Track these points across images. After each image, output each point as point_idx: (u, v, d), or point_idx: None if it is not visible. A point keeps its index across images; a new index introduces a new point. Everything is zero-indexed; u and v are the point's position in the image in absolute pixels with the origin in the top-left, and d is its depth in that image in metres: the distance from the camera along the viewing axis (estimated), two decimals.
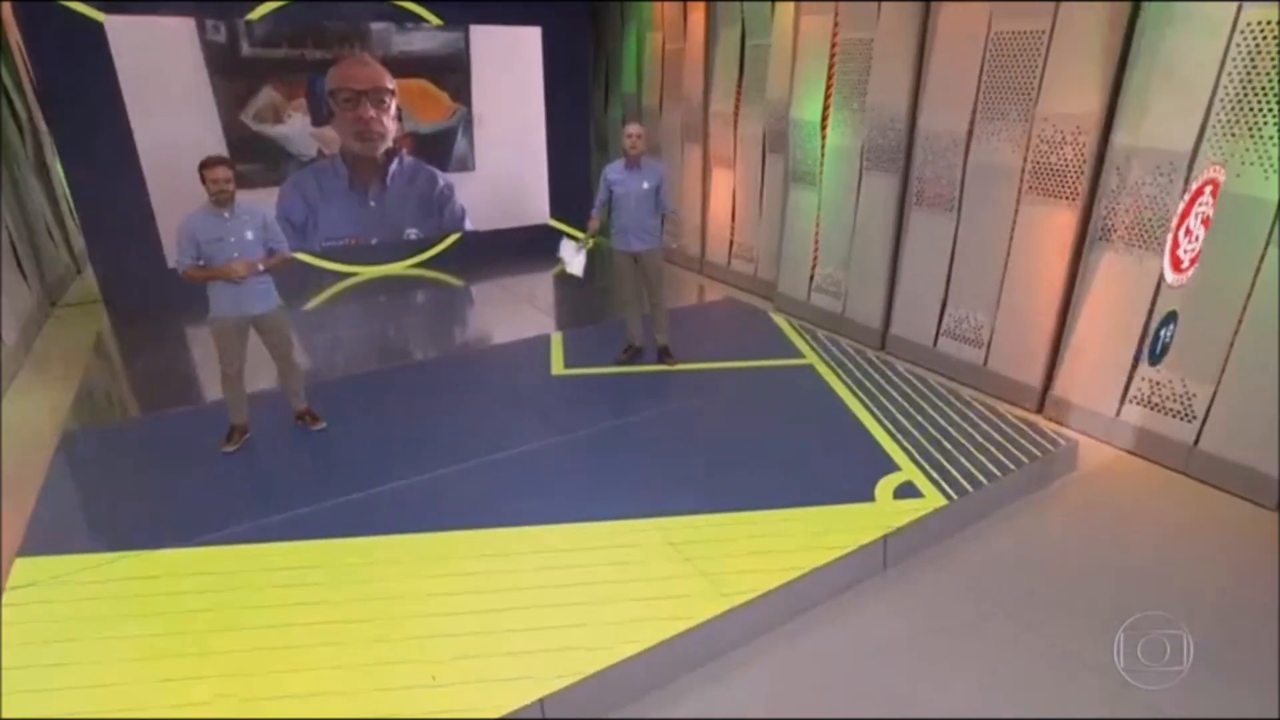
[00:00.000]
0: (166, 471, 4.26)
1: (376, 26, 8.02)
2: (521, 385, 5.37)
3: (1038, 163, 4.95)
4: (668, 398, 5.17)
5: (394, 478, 4.11)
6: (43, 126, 9.06)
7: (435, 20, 8.35)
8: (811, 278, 7.14)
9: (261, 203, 4.61)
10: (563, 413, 4.89)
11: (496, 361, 5.93)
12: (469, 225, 9.29)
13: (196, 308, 4.60)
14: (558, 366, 5.74)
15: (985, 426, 4.69)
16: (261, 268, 4.25)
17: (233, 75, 7.38)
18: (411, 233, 8.94)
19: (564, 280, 8.71)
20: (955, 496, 3.91)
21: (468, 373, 5.67)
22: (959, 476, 4.10)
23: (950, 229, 5.66)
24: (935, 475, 4.11)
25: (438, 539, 3.60)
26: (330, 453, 4.45)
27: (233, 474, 4.23)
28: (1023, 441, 4.48)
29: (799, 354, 6.00)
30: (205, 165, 4.03)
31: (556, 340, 6.32)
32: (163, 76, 7.03)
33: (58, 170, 9.27)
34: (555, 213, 9.97)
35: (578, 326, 6.82)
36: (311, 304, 7.67)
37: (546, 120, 9.50)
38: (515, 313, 7.44)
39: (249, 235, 4.21)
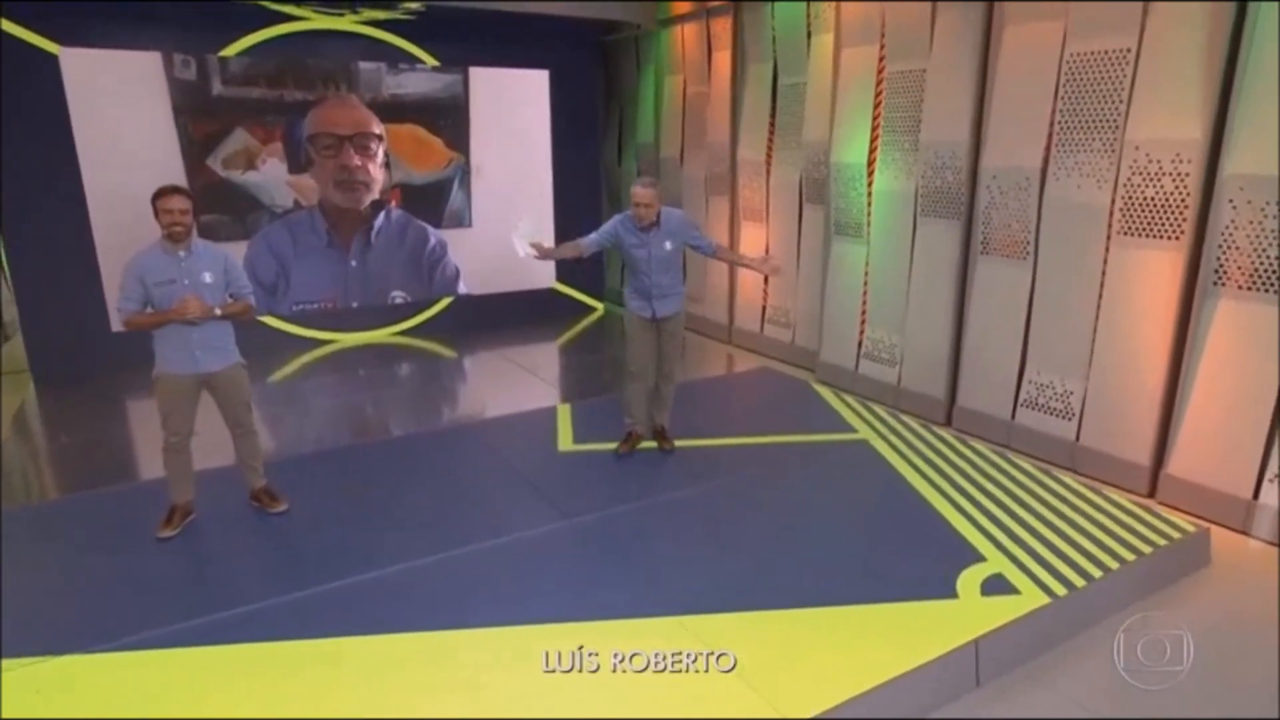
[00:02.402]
0: (87, 560, 4.02)
1: (366, 66, 8.19)
2: (521, 463, 5.17)
3: (1130, 198, 4.81)
4: (695, 476, 4.95)
5: (367, 568, 3.87)
6: None
7: (432, 61, 8.53)
8: (860, 343, 6.96)
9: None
10: (570, 494, 4.69)
11: (493, 436, 5.73)
12: (463, 289, 9.25)
13: (140, 376, 4.43)
14: (565, 442, 5.54)
15: (1087, 509, 4.39)
16: (219, 312, 4.10)
17: (202, 116, 7.49)
18: (397, 296, 8.89)
19: (566, 350, 8.58)
20: (1061, 593, 3.58)
21: (459, 448, 5.49)
22: (1063, 568, 3.77)
23: (1025, 280, 5.50)
24: (1031, 568, 3.80)
25: (419, 640, 3.32)
26: (291, 539, 4.23)
27: (169, 563, 3.98)
28: (1139, 528, 4.15)
29: (850, 428, 5.78)
30: (159, 195, 3.96)
31: (563, 413, 6.12)
32: (121, 117, 7.14)
33: None
34: (562, 276, 9.94)
35: (587, 398, 6.63)
36: (279, 375, 7.53)
37: (553, 173, 9.62)
38: (515, 383, 7.29)
39: (207, 278, 4.10)
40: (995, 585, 3.66)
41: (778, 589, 3.66)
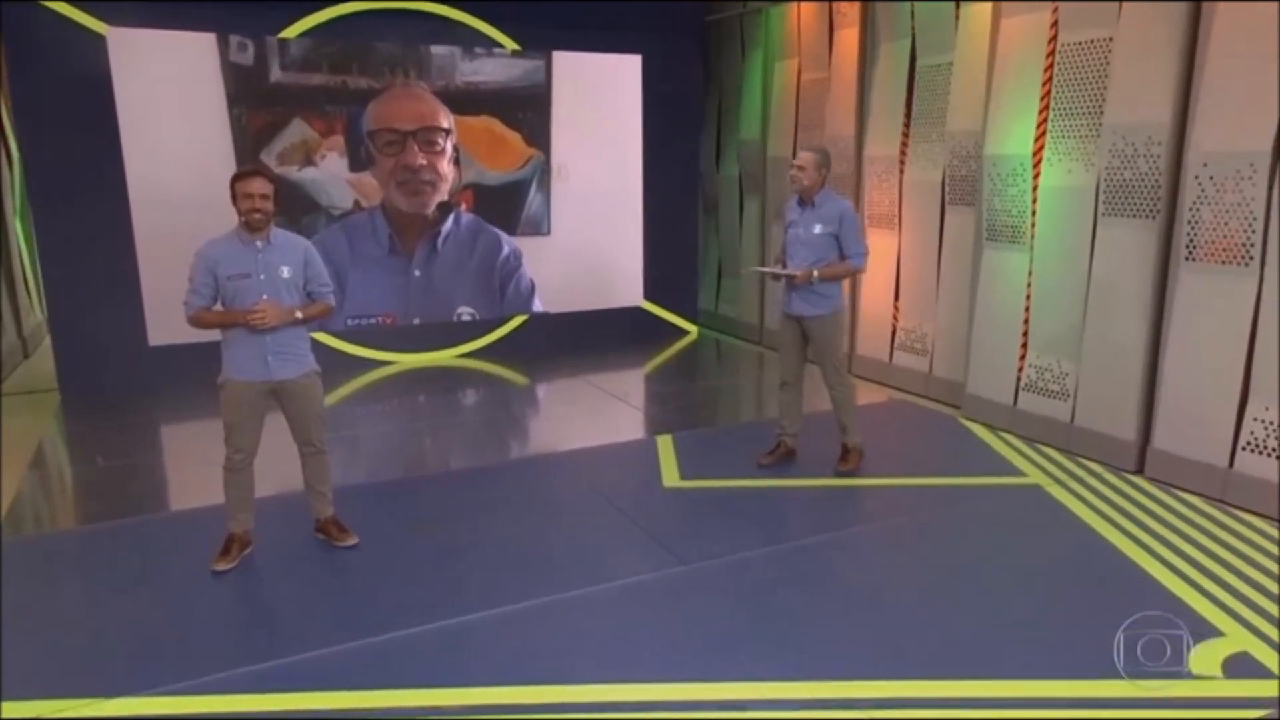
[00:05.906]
0: (131, 594, 4.06)
1: (438, 51, 8.30)
2: (621, 499, 5.13)
3: None
4: (832, 519, 4.91)
5: (450, 612, 3.86)
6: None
7: (511, 45, 8.61)
8: (1019, 373, 6.65)
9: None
10: (683, 535, 4.65)
11: (584, 469, 5.71)
12: (538, 306, 9.23)
13: (184, 395, 4.43)
14: (670, 477, 5.48)
15: None
16: (300, 315, 4.12)
17: (257, 105, 7.66)
18: (465, 313, 8.91)
19: (654, 378, 8.44)
20: None
21: (546, 482, 5.53)
22: None
23: (1249, 293, 5.12)
24: None
25: (507, 696, 3.25)
26: (362, 577, 4.25)
27: (224, 600, 4.04)
28: None
29: (1017, 471, 5.58)
30: (238, 177, 4.02)
31: (665, 444, 6.04)
32: (172, 106, 7.35)
33: (15, 224, 9.69)
34: (651, 294, 9.85)
35: (692, 429, 6.53)
36: (330, 399, 7.55)
37: (644, 174, 9.58)
38: (603, 412, 7.25)
39: (285, 273, 4.14)
40: (1243, 666, 3.39)
41: (950, 656, 3.52)
